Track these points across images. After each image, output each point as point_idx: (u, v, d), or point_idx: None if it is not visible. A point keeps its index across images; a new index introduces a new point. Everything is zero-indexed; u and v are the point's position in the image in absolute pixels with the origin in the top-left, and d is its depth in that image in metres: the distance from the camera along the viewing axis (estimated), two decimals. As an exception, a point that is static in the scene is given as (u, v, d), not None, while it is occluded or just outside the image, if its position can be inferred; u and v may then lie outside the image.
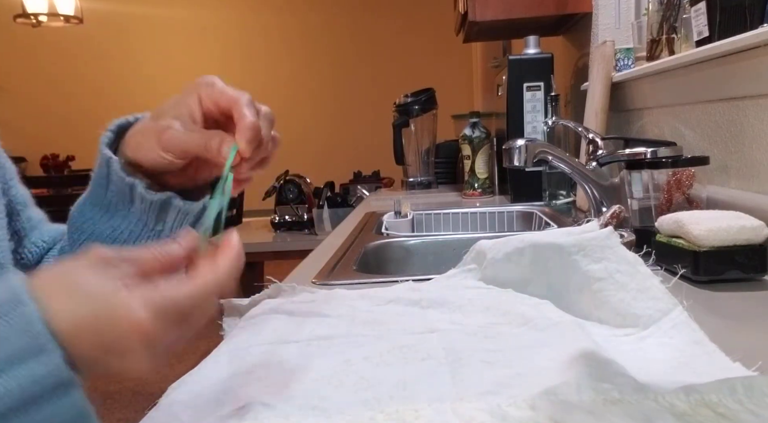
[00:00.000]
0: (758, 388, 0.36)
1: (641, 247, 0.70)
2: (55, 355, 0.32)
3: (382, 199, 2.01)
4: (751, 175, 0.92)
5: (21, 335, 0.32)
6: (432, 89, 2.28)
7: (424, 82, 2.50)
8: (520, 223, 1.54)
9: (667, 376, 0.45)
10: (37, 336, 0.32)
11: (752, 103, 0.91)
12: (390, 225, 1.36)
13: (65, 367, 0.33)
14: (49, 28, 4.58)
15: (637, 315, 0.56)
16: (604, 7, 1.60)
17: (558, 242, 0.62)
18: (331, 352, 0.53)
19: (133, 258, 0.37)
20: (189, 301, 0.36)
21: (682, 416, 0.36)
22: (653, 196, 0.93)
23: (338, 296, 0.71)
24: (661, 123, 1.26)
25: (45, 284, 0.34)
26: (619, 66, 1.41)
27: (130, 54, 5.34)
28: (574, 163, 1.14)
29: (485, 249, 0.73)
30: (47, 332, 0.33)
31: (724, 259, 0.70)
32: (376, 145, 3.55)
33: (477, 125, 1.93)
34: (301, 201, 3.03)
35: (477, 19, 1.71)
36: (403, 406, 0.42)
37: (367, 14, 5.16)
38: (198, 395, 0.46)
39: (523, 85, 1.63)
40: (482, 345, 0.53)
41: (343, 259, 1.02)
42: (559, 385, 0.40)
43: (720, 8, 0.97)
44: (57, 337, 0.33)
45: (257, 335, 0.57)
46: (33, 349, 0.32)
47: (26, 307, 0.33)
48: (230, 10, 5.21)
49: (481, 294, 0.68)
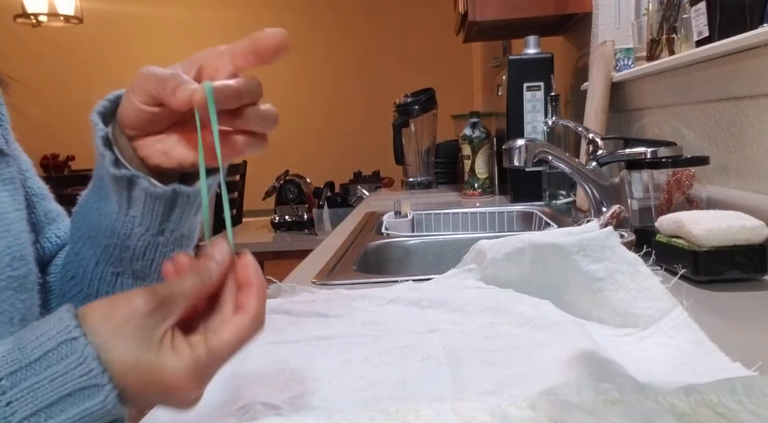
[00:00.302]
0: (758, 388, 0.36)
1: (641, 247, 0.70)
2: (110, 393, 0.34)
3: (382, 199, 2.01)
4: (751, 175, 0.92)
5: (76, 372, 0.33)
6: (432, 89, 2.27)
7: (424, 82, 2.50)
8: (520, 223, 1.54)
9: (667, 376, 0.45)
10: (92, 374, 0.33)
11: (752, 103, 0.91)
12: (390, 225, 1.36)
13: (118, 404, 0.34)
14: (49, 28, 4.57)
15: (637, 315, 0.56)
16: (604, 7, 1.60)
17: (558, 242, 0.62)
18: (331, 352, 0.53)
19: (178, 294, 0.37)
20: (231, 350, 0.37)
21: (682, 416, 0.36)
22: (653, 196, 0.93)
23: (338, 296, 0.71)
24: (661, 123, 1.26)
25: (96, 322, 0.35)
26: (619, 66, 1.41)
27: (130, 54, 5.34)
28: (574, 163, 1.14)
29: (485, 249, 0.73)
30: (101, 368, 0.34)
31: (724, 259, 0.70)
32: (376, 145, 3.55)
33: (477, 125, 1.94)
34: (301, 201, 3.03)
35: (477, 19, 1.71)
36: (403, 406, 0.42)
37: (367, 14, 5.16)
38: (198, 395, 0.46)
39: (523, 85, 1.63)
40: (482, 345, 0.53)
41: (343, 259, 1.02)
42: (559, 385, 0.40)
43: (720, 8, 0.97)
44: (109, 374, 0.34)
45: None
46: (89, 386, 0.33)
47: (79, 343, 0.34)
48: (230, 10, 5.20)
49: (481, 294, 0.68)
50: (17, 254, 0.52)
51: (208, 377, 0.37)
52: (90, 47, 5.24)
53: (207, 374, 0.37)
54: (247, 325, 0.38)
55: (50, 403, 0.33)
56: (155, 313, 0.35)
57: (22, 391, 0.33)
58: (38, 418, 0.33)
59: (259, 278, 0.39)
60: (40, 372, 0.33)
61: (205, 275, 0.38)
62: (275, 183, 3.04)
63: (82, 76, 5.24)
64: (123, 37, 5.31)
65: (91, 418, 0.34)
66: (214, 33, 5.35)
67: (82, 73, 5.25)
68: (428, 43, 5.06)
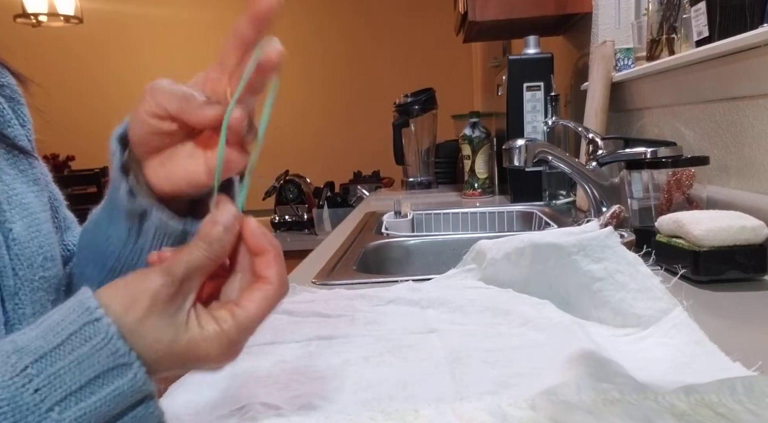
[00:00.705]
0: (758, 388, 0.36)
1: (641, 247, 0.70)
2: (139, 370, 0.34)
3: (382, 199, 2.01)
4: (751, 175, 0.92)
5: (102, 353, 0.33)
6: (432, 89, 2.27)
7: (424, 82, 2.50)
8: (520, 223, 1.54)
9: (667, 376, 0.45)
10: (119, 354, 0.33)
11: (752, 103, 0.91)
12: (390, 225, 1.36)
13: (148, 380, 0.34)
14: (49, 28, 4.58)
15: (637, 315, 0.56)
16: (604, 7, 1.60)
17: (558, 242, 0.62)
18: (331, 352, 0.53)
19: (194, 271, 0.36)
20: (258, 320, 0.37)
21: (682, 416, 0.36)
22: (653, 196, 0.93)
23: (338, 296, 0.71)
24: (661, 123, 1.26)
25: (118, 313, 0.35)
26: (619, 66, 1.41)
27: (130, 54, 5.34)
28: (574, 163, 1.14)
29: (485, 249, 0.73)
30: (127, 347, 0.34)
31: (724, 259, 0.70)
32: (376, 145, 3.55)
33: (477, 125, 1.93)
34: (301, 201, 3.04)
35: (477, 19, 1.71)
36: (403, 406, 0.42)
37: (367, 14, 5.15)
38: (198, 395, 0.46)
39: (523, 85, 1.63)
40: (482, 345, 0.53)
41: (343, 259, 1.02)
42: (559, 385, 0.40)
43: (720, 8, 0.97)
44: (138, 354, 0.34)
45: (257, 335, 0.57)
46: (117, 366, 0.33)
47: (102, 323, 0.34)
48: (230, 10, 5.20)
49: (481, 294, 0.68)
50: (48, 254, 0.52)
51: (239, 348, 0.37)
52: (90, 47, 5.24)
53: (238, 345, 0.37)
54: (271, 295, 0.38)
55: (79, 387, 0.33)
56: (177, 297, 0.35)
57: (49, 378, 0.32)
58: (68, 403, 0.32)
59: (272, 244, 0.39)
60: (65, 356, 0.33)
61: (217, 247, 0.37)
62: (275, 183, 3.04)
63: (83, 76, 5.24)
64: (123, 37, 5.31)
65: (122, 398, 0.34)
66: (214, 33, 5.35)
67: (83, 74, 5.24)
68: (428, 43, 5.06)
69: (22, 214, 0.51)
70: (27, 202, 0.52)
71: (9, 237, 0.49)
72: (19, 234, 0.50)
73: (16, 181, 0.53)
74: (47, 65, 5.09)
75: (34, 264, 0.50)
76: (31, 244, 0.51)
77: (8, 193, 0.51)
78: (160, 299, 0.35)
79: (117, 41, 5.29)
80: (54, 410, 0.32)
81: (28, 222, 0.51)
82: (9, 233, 0.49)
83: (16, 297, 0.49)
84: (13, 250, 0.49)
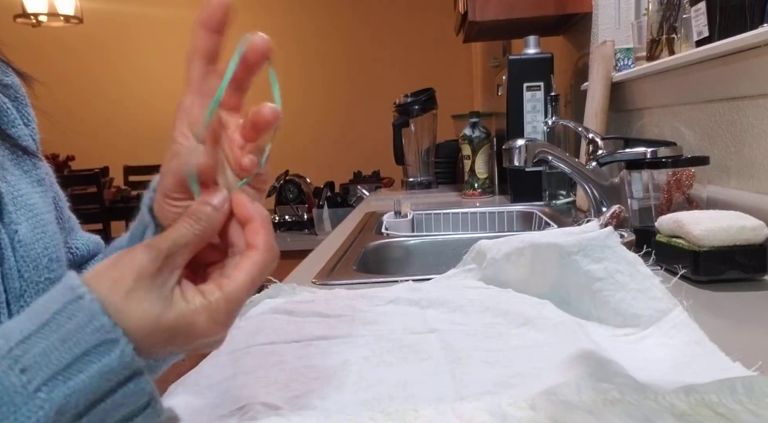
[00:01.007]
0: (758, 388, 0.36)
1: (641, 247, 0.70)
2: (126, 346, 0.33)
3: (382, 199, 2.01)
4: (751, 175, 0.92)
5: (87, 329, 0.33)
6: (432, 89, 2.27)
7: (424, 82, 2.50)
8: (520, 223, 1.54)
9: (667, 376, 0.45)
10: (104, 329, 0.33)
11: (752, 103, 0.91)
12: (390, 225, 1.36)
13: (136, 356, 0.34)
14: (49, 28, 4.58)
15: (637, 315, 0.56)
16: (604, 7, 1.60)
17: (558, 242, 0.62)
18: (331, 352, 0.53)
19: (181, 246, 0.36)
20: (247, 289, 0.37)
21: (682, 416, 0.36)
22: (653, 196, 0.93)
23: (338, 296, 0.71)
24: (661, 123, 1.26)
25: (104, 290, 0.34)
26: (619, 66, 1.41)
27: (130, 54, 5.34)
28: (574, 163, 1.14)
29: (485, 249, 0.73)
30: (111, 322, 0.33)
31: (724, 259, 0.70)
32: (376, 145, 3.55)
33: (477, 125, 1.93)
34: (301, 201, 3.03)
35: (477, 19, 1.71)
36: (403, 406, 0.42)
37: (367, 14, 5.15)
38: (198, 395, 0.46)
39: (523, 85, 1.63)
40: (482, 345, 0.53)
41: (343, 259, 1.02)
42: (559, 385, 0.40)
43: (720, 8, 0.97)
44: (124, 330, 0.34)
45: (257, 335, 0.57)
46: (103, 342, 0.33)
47: (85, 300, 0.33)
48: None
49: (481, 294, 0.68)
50: (53, 256, 0.52)
51: (231, 319, 0.37)
52: (90, 47, 5.24)
53: (229, 316, 0.37)
54: (259, 261, 0.38)
55: (66, 365, 0.32)
56: (162, 271, 0.35)
57: (35, 357, 0.32)
58: (56, 382, 0.32)
59: (258, 211, 0.39)
60: (50, 335, 0.33)
61: (204, 223, 0.37)
62: (275, 183, 3.04)
63: (82, 76, 5.24)
64: (123, 37, 5.31)
65: (111, 374, 0.33)
66: (214, 33, 5.34)
67: (82, 74, 5.25)
68: (428, 43, 5.06)
69: (27, 216, 0.51)
70: (32, 203, 0.52)
71: (15, 239, 0.49)
72: (24, 235, 0.50)
73: (21, 182, 0.53)
74: (47, 65, 5.08)
75: (39, 265, 0.50)
76: (37, 245, 0.51)
77: (13, 194, 0.51)
78: (145, 274, 0.35)
79: (117, 41, 5.29)
80: (42, 390, 0.32)
81: (33, 223, 0.51)
82: (14, 235, 0.49)
83: (22, 299, 0.49)
84: (19, 252, 0.49)
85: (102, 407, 0.33)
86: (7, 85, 0.56)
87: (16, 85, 0.58)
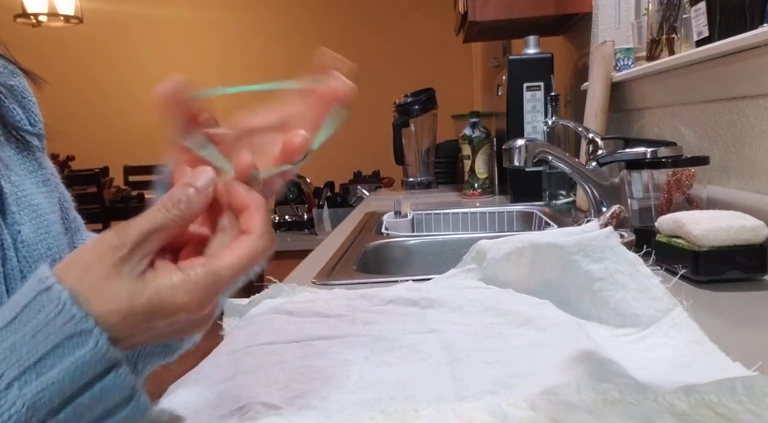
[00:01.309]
0: (758, 388, 0.36)
1: (641, 247, 0.69)
2: (100, 337, 0.32)
3: (382, 199, 2.01)
4: (751, 175, 0.92)
5: (57, 321, 0.32)
6: (432, 89, 2.27)
7: (424, 82, 2.50)
8: (520, 223, 1.54)
9: (667, 376, 0.45)
10: (75, 320, 0.32)
11: (752, 103, 0.91)
12: (390, 225, 1.36)
13: (111, 347, 0.33)
14: (49, 28, 4.58)
15: (637, 315, 0.56)
16: (604, 7, 1.60)
17: (558, 242, 0.62)
18: (331, 352, 0.53)
19: (152, 232, 0.35)
20: (235, 270, 0.36)
21: (682, 416, 0.36)
22: (653, 196, 0.93)
23: (338, 296, 0.71)
24: (661, 123, 1.26)
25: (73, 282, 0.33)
26: (619, 66, 1.41)
27: (130, 54, 5.34)
28: (574, 163, 1.14)
29: (485, 249, 0.73)
30: (83, 312, 0.32)
31: (724, 259, 0.70)
32: (376, 145, 3.55)
33: (477, 125, 1.93)
34: (301, 201, 3.03)
35: (477, 19, 1.71)
36: (403, 406, 0.42)
37: (367, 15, 5.15)
38: (198, 395, 0.46)
39: (523, 85, 1.63)
40: (482, 345, 0.53)
41: (343, 259, 1.02)
42: (559, 385, 0.40)
43: (720, 8, 0.97)
44: (97, 320, 0.33)
45: (257, 335, 0.57)
46: (75, 334, 0.32)
47: (53, 290, 0.32)
48: (229, 10, 5.20)
49: (481, 294, 0.68)
50: (57, 256, 0.52)
51: (211, 295, 0.35)
52: (90, 47, 5.24)
53: (208, 292, 0.35)
54: (251, 245, 0.36)
55: (38, 359, 0.31)
56: (131, 257, 0.34)
57: (4, 352, 0.31)
58: (29, 377, 0.31)
59: (253, 197, 0.38)
60: (19, 329, 0.32)
61: (183, 207, 0.36)
62: (275, 183, 3.03)
63: (82, 76, 5.24)
64: (123, 37, 5.31)
65: (86, 367, 0.32)
66: (214, 33, 5.35)
67: (82, 74, 5.25)
68: (428, 43, 5.06)
69: (31, 216, 0.51)
70: (36, 203, 0.52)
71: (17, 239, 0.49)
72: (27, 236, 0.50)
73: (26, 182, 0.53)
74: (47, 65, 5.08)
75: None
76: (40, 246, 0.50)
77: (17, 195, 0.51)
78: (113, 261, 0.34)
79: (117, 41, 5.29)
80: (14, 386, 0.31)
81: (36, 223, 0.51)
82: (17, 235, 0.49)
83: None
84: (22, 252, 0.49)
85: (80, 402, 0.32)
86: (12, 86, 0.56)
87: (22, 86, 0.58)
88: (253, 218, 0.37)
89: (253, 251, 0.36)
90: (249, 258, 0.36)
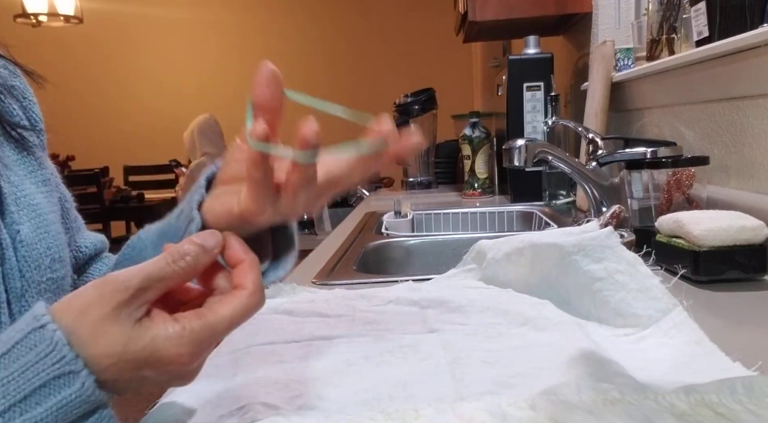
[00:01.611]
0: (758, 388, 0.36)
1: (641, 247, 0.69)
2: (87, 378, 0.33)
3: (382, 199, 2.01)
4: (751, 175, 0.92)
5: (47, 360, 0.32)
6: (432, 89, 2.27)
7: (424, 82, 2.50)
8: (520, 223, 1.54)
9: (667, 376, 0.45)
10: (64, 361, 0.33)
11: (752, 103, 0.91)
12: (390, 225, 1.36)
13: (97, 390, 0.33)
14: (49, 28, 4.58)
15: (637, 315, 0.56)
16: (604, 7, 1.60)
17: (558, 242, 0.62)
18: (331, 352, 0.53)
19: (155, 282, 0.35)
20: (227, 325, 0.36)
21: (682, 416, 0.36)
22: (653, 196, 0.93)
23: (338, 296, 0.71)
24: (661, 123, 1.26)
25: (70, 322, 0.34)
26: (619, 66, 1.41)
27: (130, 54, 5.34)
28: (574, 163, 1.14)
29: (485, 249, 0.73)
30: (73, 354, 0.33)
31: (724, 259, 0.70)
32: (376, 145, 3.55)
33: (477, 125, 1.93)
34: (301, 201, 3.03)
35: (477, 19, 1.71)
36: (403, 406, 0.42)
37: (367, 15, 5.16)
38: (198, 395, 0.46)
39: (523, 85, 1.63)
40: (482, 345, 0.53)
41: (343, 259, 1.02)
42: (559, 385, 0.40)
43: (720, 8, 0.97)
44: (85, 361, 0.33)
45: (257, 335, 0.57)
46: (62, 374, 0.32)
47: (47, 330, 0.33)
48: (230, 10, 5.21)
49: (481, 294, 0.68)
50: (56, 255, 0.52)
51: (203, 350, 0.36)
52: (90, 47, 5.25)
53: (201, 347, 0.36)
54: (244, 300, 0.37)
55: (24, 397, 0.32)
56: (131, 303, 0.34)
57: None
58: (12, 414, 0.31)
59: (248, 254, 0.39)
60: (9, 365, 0.32)
61: (189, 260, 0.36)
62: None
63: (82, 76, 5.24)
64: (123, 37, 5.31)
65: (71, 408, 0.32)
66: (214, 33, 5.35)
67: (82, 73, 5.25)
68: (428, 43, 5.06)
69: (30, 216, 0.51)
70: (35, 203, 0.52)
71: (16, 239, 0.49)
72: (26, 235, 0.50)
73: (25, 182, 0.53)
74: (47, 65, 5.08)
75: (41, 266, 0.50)
76: (39, 245, 0.51)
77: (17, 195, 0.51)
78: (113, 304, 0.34)
79: (117, 41, 5.29)
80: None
81: (36, 223, 0.51)
82: (16, 235, 0.49)
83: (23, 299, 0.48)
84: (20, 251, 0.49)
85: None
86: (13, 87, 0.56)
87: (22, 86, 0.58)
88: (248, 275, 0.38)
89: (246, 306, 0.37)
90: (242, 313, 0.37)
